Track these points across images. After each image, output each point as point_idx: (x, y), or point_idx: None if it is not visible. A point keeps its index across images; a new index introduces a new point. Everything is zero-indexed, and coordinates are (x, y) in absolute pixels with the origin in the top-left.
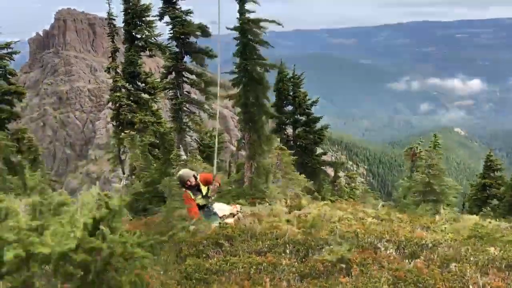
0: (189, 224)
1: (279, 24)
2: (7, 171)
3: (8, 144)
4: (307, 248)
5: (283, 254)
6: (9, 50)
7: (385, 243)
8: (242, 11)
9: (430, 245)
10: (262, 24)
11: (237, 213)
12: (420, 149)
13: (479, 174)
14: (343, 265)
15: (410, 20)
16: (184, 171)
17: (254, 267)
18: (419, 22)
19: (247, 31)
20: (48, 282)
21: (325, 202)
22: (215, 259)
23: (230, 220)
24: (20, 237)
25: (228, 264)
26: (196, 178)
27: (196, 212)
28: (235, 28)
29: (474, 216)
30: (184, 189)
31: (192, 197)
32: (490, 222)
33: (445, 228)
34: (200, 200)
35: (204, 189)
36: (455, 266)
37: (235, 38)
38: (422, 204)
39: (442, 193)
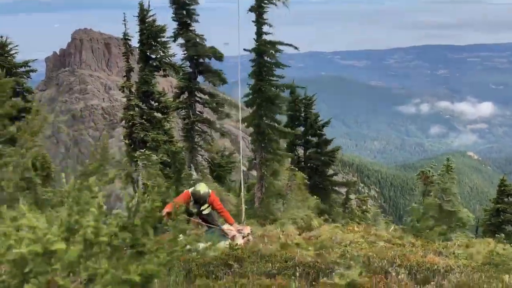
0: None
1: (296, 48)
2: (22, 187)
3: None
4: (317, 271)
5: (293, 277)
6: (27, 69)
7: (396, 267)
8: (259, 33)
9: (442, 270)
10: (278, 46)
11: (247, 235)
12: (432, 173)
13: (493, 199)
14: None
15: (423, 43)
16: (204, 192)
17: None
18: (431, 46)
19: (264, 52)
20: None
21: (336, 224)
22: (224, 280)
23: (240, 241)
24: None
25: (237, 286)
26: (205, 201)
27: (169, 207)
28: (252, 50)
29: (489, 240)
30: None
31: (190, 203)
32: (504, 249)
33: (458, 253)
34: (193, 208)
35: (204, 206)
36: None
37: (251, 60)
38: (435, 228)
39: (455, 218)
